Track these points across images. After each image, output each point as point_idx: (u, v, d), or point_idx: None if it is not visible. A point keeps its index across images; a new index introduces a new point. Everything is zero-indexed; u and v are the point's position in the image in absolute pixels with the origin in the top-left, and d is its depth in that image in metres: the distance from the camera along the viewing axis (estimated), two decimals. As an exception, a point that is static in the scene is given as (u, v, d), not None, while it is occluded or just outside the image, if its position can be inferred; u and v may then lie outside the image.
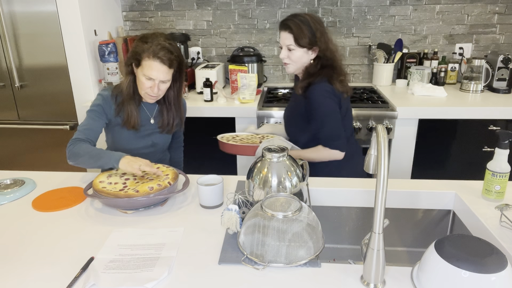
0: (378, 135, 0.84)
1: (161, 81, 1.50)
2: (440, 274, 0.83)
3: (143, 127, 1.63)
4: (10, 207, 1.30)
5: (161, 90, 1.53)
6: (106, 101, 1.56)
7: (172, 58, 1.48)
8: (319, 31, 1.54)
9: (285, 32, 1.55)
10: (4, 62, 2.47)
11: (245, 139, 1.70)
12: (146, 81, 1.49)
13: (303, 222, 0.97)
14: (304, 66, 1.61)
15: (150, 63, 1.46)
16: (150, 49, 1.45)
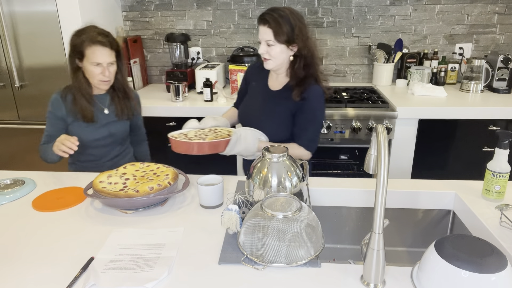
0: (378, 135, 0.84)
1: (109, 63, 1.60)
2: (440, 274, 0.83)
3: (98, 119, 1.70)
4: (10, 207, 1.30)
5: (111, 73, 1.63)
6: (55, 105, 1.64)
7: (110, 40, 1.60)
8: (298, 27, 1.49)
9: (264, 27, 1.49)
10: (4, 62, 2.47)
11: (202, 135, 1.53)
12: (95, 68, 1.58)
13: (303, 222, 0.97)
14: (287, 66, 1.57)
15: (93, 49, 1.56)
16: (87, 38, 1.56)
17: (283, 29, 1.47)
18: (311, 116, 1.55)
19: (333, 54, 2.86)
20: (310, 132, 1.57)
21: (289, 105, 1.57)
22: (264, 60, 1.55)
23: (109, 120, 1.72)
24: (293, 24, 1.48)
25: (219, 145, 1.44)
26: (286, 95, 1.58)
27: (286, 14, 1.48)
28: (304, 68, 1.54)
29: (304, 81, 1.54)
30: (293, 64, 1.55)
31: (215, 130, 1.58)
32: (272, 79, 1.66)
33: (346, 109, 2.27)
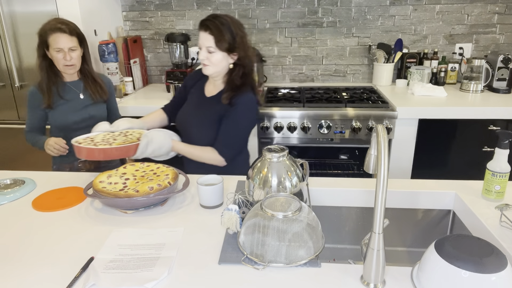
0: (378, 135, 0.84)
1: (70, 48, 1.75)
2: (440, 274, 0.83)
3: (74, 102, 1.86)
4: (10, 207, 1.30)
5: (73, 58, 1.77)
6: (33, 96, 1.80)
7: (70, 27, 1.75)
8: (239, 36, 1.51)
9: (205, 33, 1.49)
10: (4, 62, 2.47)
11: (110, 139, 1.46)
12: (57, 54, 1.74)
13: (303, 222, 0.97)
14: (225, 74, 1.58)
15: (53, 37, 1.72)
16: (49, 27, 1.73)
17: (224, 37, 1.48)
18: (233, 122, 1.56)
19: (333, 54, 2.87)
20: (229, 138, 1.57)
21: (219, 109, 1.58)
22: (204, 66, 1.55)
23: (86, 104, 1.88)
24: (234, 33, 1.50)
25: (128, 150, 1.39)
26: (219, 100, 1.59)
27: (227, 22, 1.50)
28: (242, 77, 1.56)
29: (239, 88, 1.56)
30: (232, 71, 1.57)
31: (126, 133, 1.53)
32: (209, 86, 1.67)
33: (346, 109, 2.28)
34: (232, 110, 1.55)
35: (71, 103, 1.85)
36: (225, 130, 1.56)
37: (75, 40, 1.76)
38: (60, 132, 1.87)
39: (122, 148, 1.37)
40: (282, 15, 2.79)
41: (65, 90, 1.85)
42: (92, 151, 1.35)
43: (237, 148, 1.61)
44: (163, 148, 1.48)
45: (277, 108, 2.31)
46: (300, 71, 2.94)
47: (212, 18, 1.50)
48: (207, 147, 1.58)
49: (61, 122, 1.84)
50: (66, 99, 1.84)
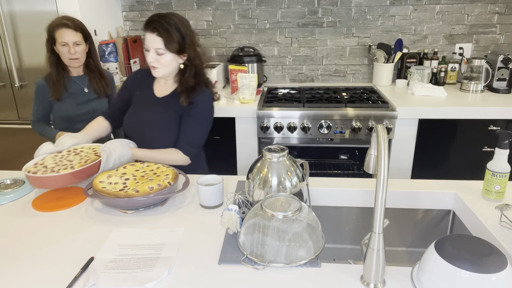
0: (378, 135, 0.84)
1: (74, 43, 1.87)
2: (440, 274, 0.83)
3: (79, 96, 1.98)
4: (10, 207, 1.30)
5: (78, 52, 1.89)
6: (41, 88, 1.92)
7: (75, 23, 1.88)
8: (188, 36, 1.49)
9: (153, 35, 1.44)
10: (4, 62, 2.47)
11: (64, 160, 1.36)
12: (63, 48, 1.86)
13: (303, 222, 0.97)
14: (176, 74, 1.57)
15: (59, 32, 1.85)
16: (55, 23, 1.86)
17: (174, 38, 1.45)
18: (196, 120, 1.56)
19: (333, 54, 2.87)
20: (192, 136, 1.57)
21: (177, 109, 1.56)
22: (153, 69, 1.51)
23: (90, 98, 2.01)
24: (183, 33, 1.47)
25: (92, 169, 1.33)
26: (174, 100, 1.57)
27: (175, 22, 1.46)
28: (194, 77, 1.55)
29: (194, 88, 1.55)
30: (183, 72, 1.55)
31: (76, 150, 1.44)
32: (159, 86, 1.63)
33: (346, 109, 2.28)
34: (192, 108, 1.54)
35: (76, 96, 1.97)
36: (187, 128, 1.56)
37: (79, 35, 1.88)
38: (64, 123, 1.99)
39: (85, 170, 1.30)
40: (282, 15, 2.79)
41: (70, 84, 1.97)
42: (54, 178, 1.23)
43: (200, 145, 1.64)
44: (124, 158, 1.42)
45: (277, 108, 2.31)
46: (300, 71, 2.94)
47: (158, 19, 1.45)
48: (170, 149, 1.55)
49: (66, 114, 1.96)
50: (72, 92, 1.96)
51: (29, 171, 1.28)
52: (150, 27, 1.45)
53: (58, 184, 1.29)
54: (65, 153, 1.42)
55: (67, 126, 1.95)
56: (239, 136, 2.38)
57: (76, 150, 1.44)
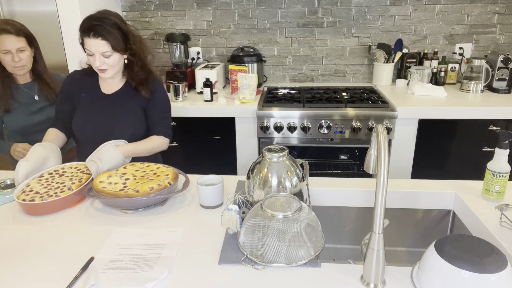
0: (378, 135, 0.84)
1: (18, 49, 1.71)
2: (440, 274, 0.83)
3: (29, 105, 1.82)
4: (10, 207, 1.30)
5: (22, 59, 1.74)
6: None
7: (16, 28, 1.72)
8: (129, 32, 1.52)
9: (97, 40, 1.43)
10: (4, 62, 2.46)
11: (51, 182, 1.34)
12: (5, 56, 1.71)
13: (303, 222, 0.97)
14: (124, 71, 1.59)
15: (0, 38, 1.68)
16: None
17: (119, 39, 1.47)
18: (165, 106, 1.67)
19: (333, 54, 2.86)
20: (167, 121, 1.68)
21: (138, 101, 1.62)
22: (102, 71, 1.51)
23: (44, 105, 1.85)
24: (125, 31, 1.50)
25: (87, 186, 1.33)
26: (129, 94, 1.61)
27: (115, 22, 1.46)
28: (142, 69, 1.59)
29: (147, 79, 1.61)
30: (131, 67, 1.57)
31: (58, 172, 1.41)
32: (105, 85, 1.63)
33: (346, 109, 2.28)
34: (155, 97, 1.64)
35: (26, 106, 1.80)
36: (158, 115, 1.65)
37: (23, 40, 1.73)
38: (18, 136, 1.82)
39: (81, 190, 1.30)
40: (282, 15, 2.79)
41: (19, 93, 1.80)
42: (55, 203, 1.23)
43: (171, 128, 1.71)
44: (116, 159, 1.42)
45: (277, 108, 2.31)
46: (300, 71, 2.94)
47: (99, 22, 1.43)
48: (151, 137, 1.62)
49: (19, 125, 1.79)
50: (21, 102, 1.79)
51: (23, 199, 1.23)
52: (91, 32, 1.42)
53: (59, 208, 1.26)
54: (48, 176, 1.38)
55: (22, 139, 1.80)
56: (239, 136, 2.38)
57: (59, 172, 1.42)
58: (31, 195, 1.26)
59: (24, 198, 1.24)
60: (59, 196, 1.25)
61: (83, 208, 1.28)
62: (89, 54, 1.48)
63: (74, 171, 1.43)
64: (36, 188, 1.30)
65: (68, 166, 1.46)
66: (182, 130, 2.41)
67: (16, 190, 1.30)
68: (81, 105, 1.61)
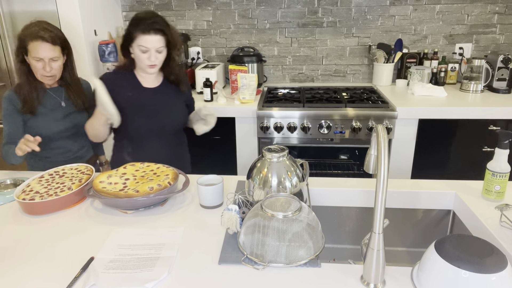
0: (378, 135, 0.84)
1: (50, 59, 1.60)
2: (440, 274, 0.83)
3: (56, 111, 1.72)
4: (10, 207, 1.30)
5: (54, 68, 1.63)
6: (12, 102, 1.64)
7: (53, 35, 1.60)
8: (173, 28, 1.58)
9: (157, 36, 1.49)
10: (4, 62, 2.47)
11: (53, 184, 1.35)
12: (37, 63, 1.60)
13: (303, 222, 0.97)
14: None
15: (34, 45, 1.57)
16: (30, 33, 1.57)
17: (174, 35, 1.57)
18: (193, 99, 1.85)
19: (333, 54, 2.86)
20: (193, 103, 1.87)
21: (178, 94, 1.72)
22: (152, 67, 1.56)
23: (70, 111, 1.76)
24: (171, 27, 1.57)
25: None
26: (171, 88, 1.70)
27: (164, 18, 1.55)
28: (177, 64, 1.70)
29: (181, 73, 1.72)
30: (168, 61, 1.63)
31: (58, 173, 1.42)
32: (146, 81, 1.66)
33: (346, 109, 2.27)
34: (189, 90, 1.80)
35: (53, 111, 1.71)
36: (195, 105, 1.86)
37: (57, 50, 1.62)
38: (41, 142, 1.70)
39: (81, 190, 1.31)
40: (282, 15, 2.79)
41: (46, 98, 1.71)
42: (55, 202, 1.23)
43: None
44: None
45: (277, 108, 2.31)
46: (300, 71, 2.94)
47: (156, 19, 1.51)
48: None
49: (44, 131, 1.69)
50: (47, 107, 1.70)
51: (23, 198, 1.24)
52: (152, 29, 1.48)
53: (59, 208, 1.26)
54: (48, 177, 1.40)
55: (44, 146, 1.66)
56: (239, 136, 2.38)
57: (59, 173, 1.43)
58: (31, 194, 1.26)
59: (24, 197, 1.25)
60: (59, 195, 1.25)
61: (83, 208, 1.28)
62: (143, 51, 1.52)
63: (74, 172, 1.43)
64: (36, 188, 1.31)
65: (68, 167, 1.47)
66: (182, 130, 2.40)
67: (16, 189, 1.30)
68: (128, 103, 1.61)
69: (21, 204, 1.24)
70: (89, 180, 1.35)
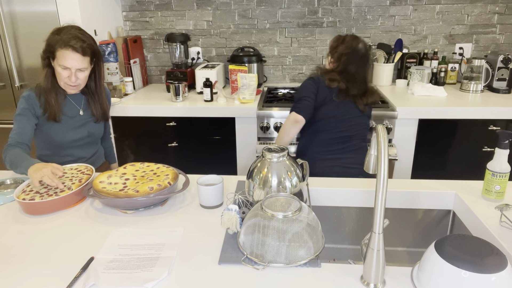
0: (378, 135, 0.84)
1: (78, 69, 1.54)
2: (440, 274, 0.83)
3: (74, 119, 1.67)
4: (10, 207, 1.30)
5: (79, 79, 1.57)
6: (30, 102, 1.57)
7: (84, 46, 1.53)
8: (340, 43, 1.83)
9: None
10: (4, 62, 2.47)
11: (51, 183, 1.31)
12: (62, 71, 1.54)
13: (303, 222, 0.97)
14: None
15: (63, 52, 1.50)
16: (61, 39, 1.50)
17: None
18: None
19: (333, 54, 2.86)
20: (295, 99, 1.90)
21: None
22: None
23: (87, 120, 1.71)
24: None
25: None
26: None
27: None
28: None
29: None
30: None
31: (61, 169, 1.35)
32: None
33: (346, 109, 2.27)
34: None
35: (70, 119, 1.66)
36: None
37: (86, 61, 1.55)
38: (51, 148, 1.67)
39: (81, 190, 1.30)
40: (282, 15, 2.79)
41: (65, 104, 1.65)
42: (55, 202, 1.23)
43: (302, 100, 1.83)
44: None
45: (277, 108, 2.31)
46: (300, 71, 2.94)
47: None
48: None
49: (58, 139, 1.63)
50: (66, 114, 1.65)
51: (23, 198, 1.24)
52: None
53: (59, 208, 1.26)
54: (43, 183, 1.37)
55: (54, 152, 1.64)
56: (239, 136, 2.38)
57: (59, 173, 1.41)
58: (31, 194, 1.26)
59: (24, 197, 1.25)
60: (59, 195, 1.25)
61: (83, 208, 1.28)
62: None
63: (74, 172, 1.43)
64: (36, 188, 1.31)
65: (68, 167, 1.47)
66: (182, 130, 2.41)
67: (17, 190, 1.30)
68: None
69: (21, 204, 1.24)
70: (89, 180, 1.35)
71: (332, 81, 1.79)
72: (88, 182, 1.35)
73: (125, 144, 2.48)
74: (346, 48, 1.80)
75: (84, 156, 1.75)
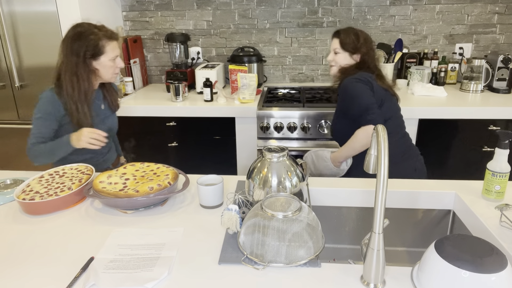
0: (378, 135, 0.84)
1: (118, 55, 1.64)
2: (440, 274, 0.83)
3: (98, 115, 1.69)
4: (10, 207, 1.30)
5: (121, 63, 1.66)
6: (53, 104, 1.55)
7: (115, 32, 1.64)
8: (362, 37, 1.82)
9: (334, 39, 1.80)
10: (4, 62, 2.47)
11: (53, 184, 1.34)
12: (112, 63, 1.60)
13: (303, 222, 0.97)
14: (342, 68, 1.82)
15: (111, 45, 1.58)
16: (104, 35, 1.56)
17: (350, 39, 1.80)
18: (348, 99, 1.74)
19: (333, 54, 2.86)
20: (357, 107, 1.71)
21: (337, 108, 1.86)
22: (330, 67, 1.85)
23: (107, 115, 1.75)
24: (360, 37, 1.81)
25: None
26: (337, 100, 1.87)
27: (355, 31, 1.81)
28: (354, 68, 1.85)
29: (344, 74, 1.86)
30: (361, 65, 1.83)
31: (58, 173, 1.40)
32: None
33: (346, 109, 2.27)
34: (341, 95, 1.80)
35: (95, 117, 1.65)
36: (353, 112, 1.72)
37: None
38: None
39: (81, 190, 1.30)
40: (282, 15, 2.79)
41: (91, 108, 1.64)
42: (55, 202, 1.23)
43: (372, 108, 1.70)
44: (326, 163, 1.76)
45: (277, 108, 2.31)
46: (300, 71, 2.94)
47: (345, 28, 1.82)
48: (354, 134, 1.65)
49: None
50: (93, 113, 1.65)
51: (23, 198, 1.24)
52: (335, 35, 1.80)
53: (59, 208, 1.26)
54: (48, 177, 1.39)
55: (76, 150, 1.55)
56: (239, 136, 2.38)
57: (59, 173, 1.42)
58: (31, 194, 1.26)
59: (24, 197, 1.25)
60: (59, 195, 1.25)
61: (83, 208, 1.28)
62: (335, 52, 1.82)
63: (74, 172, 1.43)
64: (36, 188, 1.31)
65: (68, 167, 1.47)
66: (182, 130, 2.41)
67: (16, 189, 1.30)
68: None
69: (21, 204, 1.24)
70: (89, 180, 1.35)
71: (381, 79, 1.79)
72: (88, 182, 1.35)
73: (125, 144, 2.48)
74: (369, 41, 1.83)
75: (103, 152, 1.77)
